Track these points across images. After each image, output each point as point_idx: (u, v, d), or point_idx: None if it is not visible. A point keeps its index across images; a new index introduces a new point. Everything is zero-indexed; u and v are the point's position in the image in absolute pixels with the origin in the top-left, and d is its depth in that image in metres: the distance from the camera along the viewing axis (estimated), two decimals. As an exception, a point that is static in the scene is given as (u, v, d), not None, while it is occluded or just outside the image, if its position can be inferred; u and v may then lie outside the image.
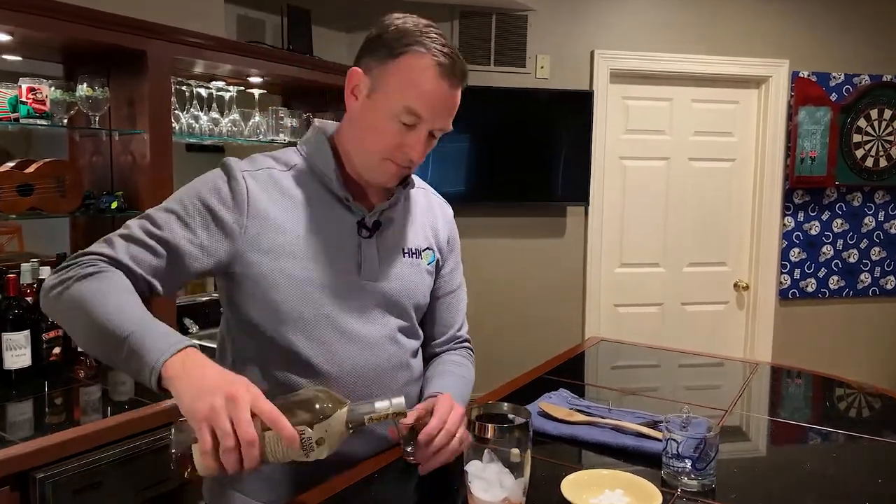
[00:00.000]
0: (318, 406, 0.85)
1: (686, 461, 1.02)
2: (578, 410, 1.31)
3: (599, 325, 3.42)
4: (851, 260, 3.64)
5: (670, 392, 1.57)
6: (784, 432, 1.32)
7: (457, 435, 0.98)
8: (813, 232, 3.58)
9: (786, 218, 3.53)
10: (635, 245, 3.48)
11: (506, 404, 0.93)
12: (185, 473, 0.82)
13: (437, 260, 1.24)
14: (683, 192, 3.49)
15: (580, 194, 3.28)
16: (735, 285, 3.59)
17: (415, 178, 1.23)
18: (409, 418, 0.95)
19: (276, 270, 1.05)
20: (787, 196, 3.52)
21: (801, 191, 3.52)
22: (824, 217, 3.58)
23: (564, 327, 3.38)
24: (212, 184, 1.06)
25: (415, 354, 1.21)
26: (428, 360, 1.29)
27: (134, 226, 1.02)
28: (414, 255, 1.18)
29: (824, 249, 3.61)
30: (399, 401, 0.89)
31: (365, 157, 1.10)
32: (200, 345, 1.59)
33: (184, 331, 2.31)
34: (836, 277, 3.63)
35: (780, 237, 3.54)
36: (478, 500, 0.85)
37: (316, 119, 1.16)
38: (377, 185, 1.13)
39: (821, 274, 3.61)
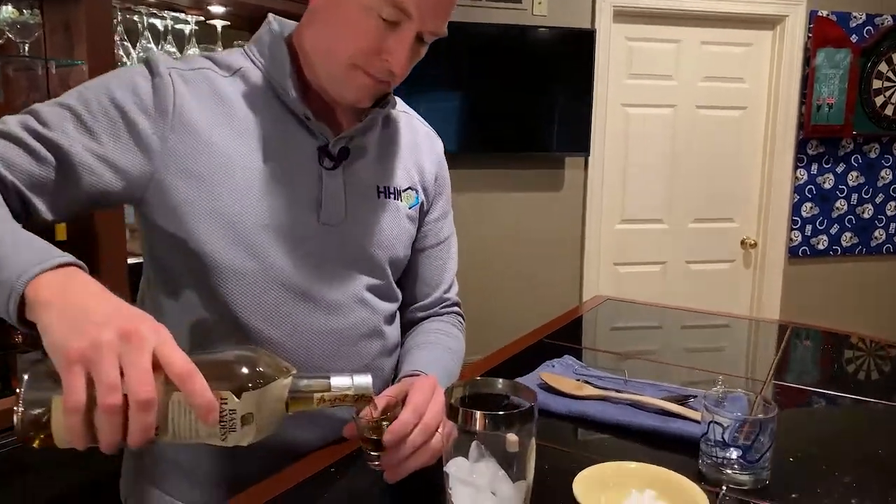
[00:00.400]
0: (251, 370, 0.61)
1: (733, 450, 0.79)
2: (588, 382, 1.09)
3: (598, 284, 3.21)
4: (866, 215, 3.42)
5: (690, 358, 1.35)
6: (846, 410, 1.10)
7: (438, 430, 0.75)
8: (826, 185, 3.35)
9: (798, 170, 3.30)
10: (637, 200, 3.25)
11: (500, 381, 0.69)
12: (36, 442, 0.56)
13: (422, 203, 1.00)
14: (690, 142, 3.25)
15: (579, 145, 3.02)
16: (742, 242, 3.38)
17: (397, 99, 0.97)
18: (376, 406, 0.71)
19: (205, 204, 0.81)
20: (801, 147, 3.28)
21: (816, 141, 3.28)
22: (839, 169, 3.35)
23: (560, 288, 3.17)
24: (128, 80, 0.80)
25: (390, 320, 0.98)
26: (407, 327, 1.05)
27: (12, 122, 0.75)
28: (392, 196, 0.95)
29: (838, 204, 3.38)
30: (364, 380, 0.66)
31: (329, 62, 0.84)
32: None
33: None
34: (849, 234, 3.42)
35: (792, 191, 3.31)
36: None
37: (271, 14, 0.90)
38: (345, 103, 0.88)
39: (833, 230, 3.40)
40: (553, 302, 3.13)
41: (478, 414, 0.61)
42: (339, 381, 0.65)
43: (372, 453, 0.74)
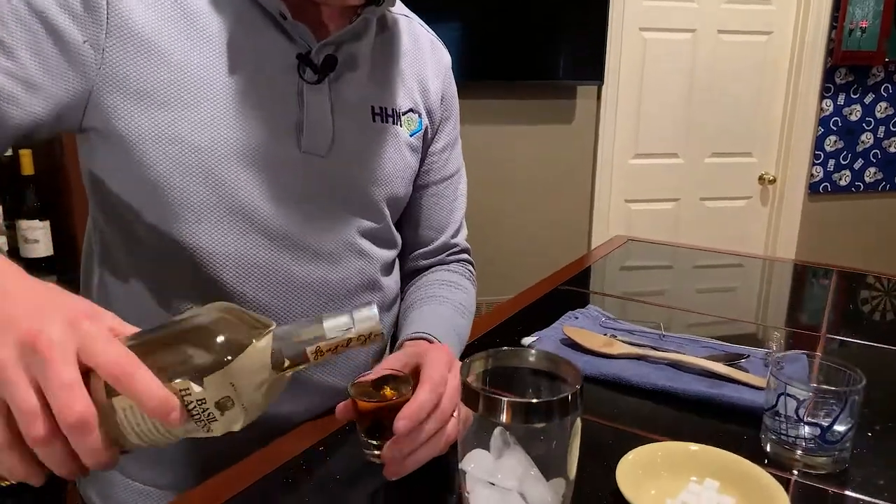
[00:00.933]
0: (211, 342, 0.46)
1: (809, 428, 0.65)
2: (617, 337, 0.94)
3: (608, 222, 3.05)
4: (892, 149, 3.23)
5: (731, 308, 1.20)
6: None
7: (454, 414, 0.60)
8: (853, 117, 3.15)
9: (824, 101, 3.09)
10: (652, 132, 3.05)
11: (533, 351, 0.54)
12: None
13: (426, 129, 0.84)
14: (710, 70, 3.03)
15: (593, 72, 2.80)
16: (760, 178, 3.20)
17: None
18: (374, 373, 0.56)
19: (156, 130, 0.64)
20: (828, 76, 3.06)
21: (845, 69, 3.06)
22: (867, 100, 3.14)
23: (568, 226, 3.02)
24: None
25: (388, 269, 0.83)
26: (408, 279, 0.90)
27: None
28: (389, 120, 0.78)
29: (863, 137, 3.19)
30: (365, 313, 0.49)
31: None
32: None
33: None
34: (873, 169, 3.24)
35: (816, 124, 3.11)
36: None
37: None
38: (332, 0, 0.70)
39: (857, 165, 3.21)
40: (560, 241, 2.98)
41: (505, 402, 0.46)
42: (334, 322, 0.49)
43: (372, 442, 0.60)
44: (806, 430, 0.65)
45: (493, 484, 0.49)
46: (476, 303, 0.93)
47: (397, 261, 0.87)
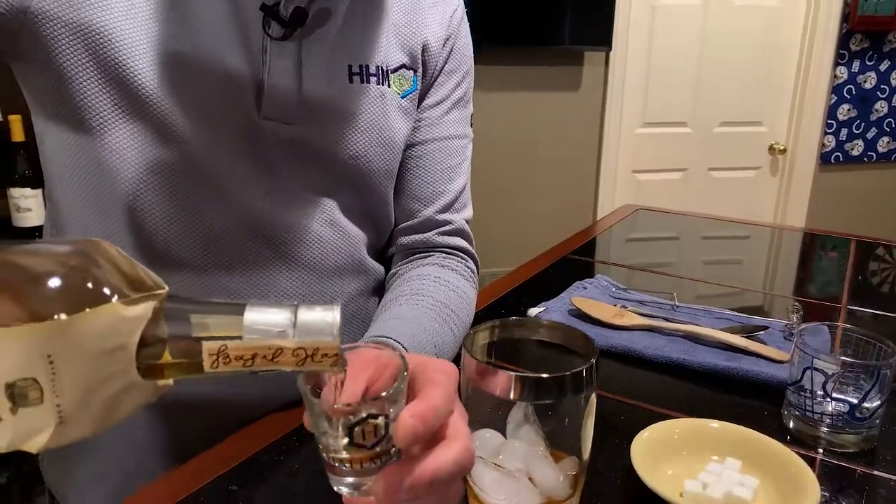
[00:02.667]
0: (54, 280, 0.28)
1: (837, 404, 0.61)
2: (628, 308, 0.90)
3: (614, 193, 3.00)
4: (907, 118, 3.15)
5: (747, 278, 1.16)
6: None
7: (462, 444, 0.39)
8: (867, 85, 3.06)
9: (838, 68, 3.00)
10: (661, 101, 2.98)
11: (544, 322, 0.50)
12: None
13: (420, 88, 0.73)
14: (721, 35, 2.94)
15: (601, 37, 2.72)
16: (770, 148, 3.13)
17: None
18: (347, 391, 0.40)
19: (97, 74, 0.55)
20: (843, 42, 2.97)
21: (861, 35, 2.97)
22: (882, 67, 3.05)
23: (574, 197, 2.96)
24: None
25: (374, 249, 0.75)
26: (391, 261, 0.78)
27: None
28: (372, 79, 0.67)
29: (878, 106, 3.11)
30: (320, 317, 0.33)
31: None
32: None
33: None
34: (886, 139, 3.16)
35: (829, 91, 3.03)
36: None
37: None
38: None
39: (870, 135, 3.14)
40: (564, 213, 2.94)
41: (513, 377, 0.42)
42: (263, 316, 0.32)
43: (343, 466, 0.38)
44: (833, 406, 0.61)
45: (498, 465, 0.45)
46: (487, 271, 0.83)
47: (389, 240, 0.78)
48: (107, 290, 0.29)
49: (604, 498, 0.55)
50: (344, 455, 0.37)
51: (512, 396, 0.42)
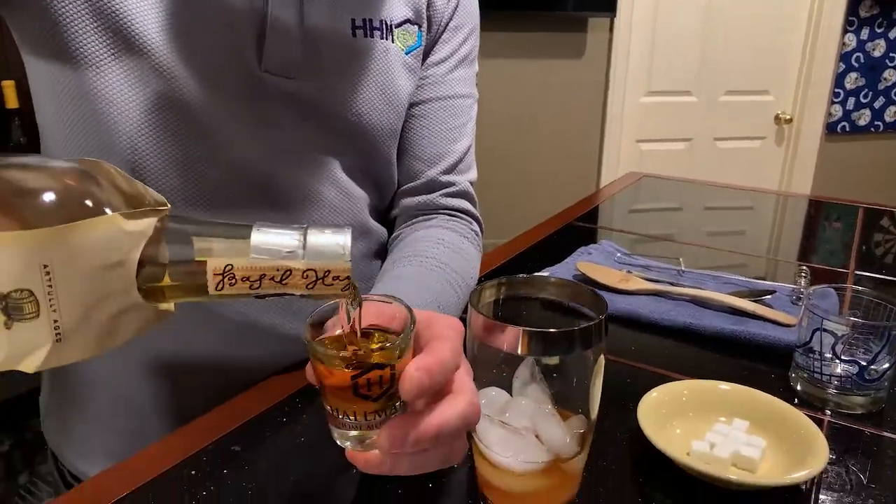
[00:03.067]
0: (54, 191, 0.28)
1: (846, 366, 0.60)
2: (633, 273, 0.89)
3: (618, 162, 2.97)
4: (916, 87, 3.11)
5: (749, 245, 1.14)
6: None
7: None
8: (877, 53, 3.01)
9: (847, 35, 2.95)
10: (666, 68, 2.93)
11: (552, 278, 0.49)
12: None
13: (425, 44, 0.71)
14: (729, 1, 2.89)
15: (605, 3, 2.67)
16: (776, 118, 3.10)
17: None
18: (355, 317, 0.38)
19: (89, 26, 0.53)
20: (852, 8, 2.91)
21: (870, 0, 2.91)
22: (892, 34, 3.00)
23: (577, 167, 2.94)
24: None
25: (378, 211, 0.74)
26: (394, 223, 0.77)
27: None
28: (376, 34, 0.65)
29: (886, 74, 3.06)
30: (331, 239, 0.31)
31: None
32: None
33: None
34: (894, 108, 3.12)
35: (837, 59, 2.98)
36: (498, 465, 0.44)
37: None
38: None
39: (878, 104, 3.10)
40: (567, 183, 2.92)
41: (521, 332, 0.41)
42: (270, 237, 0.31)
43: (348, 419, 0.37)
44: (842, 368, 0.60)
45: (505, 423, 0.44)
46: (486, 241, 0.84)
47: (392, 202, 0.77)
48: (106, 207, 0.28)
49: (610, 457, 0.55)
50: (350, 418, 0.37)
51: (520, 351, 0.41)
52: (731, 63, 2.98)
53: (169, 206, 0.30)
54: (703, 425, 0.56)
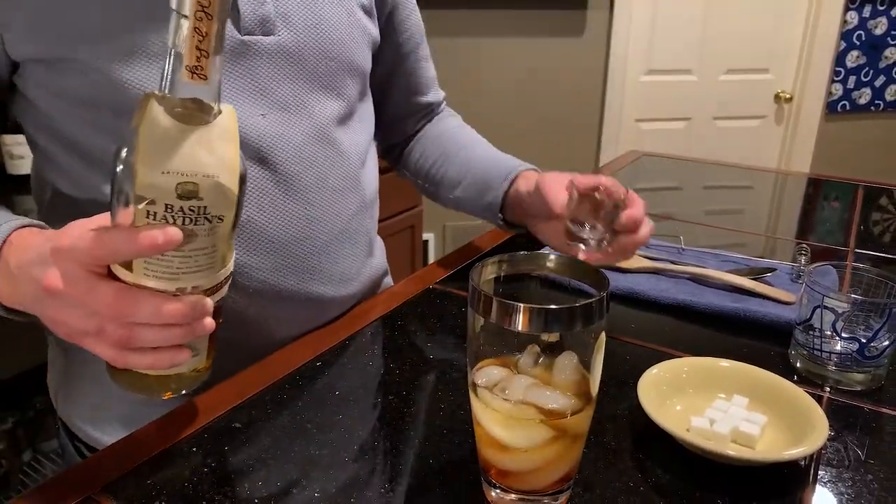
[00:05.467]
0: (123, 159, 0.40)
1: (846, 343, 0.60)
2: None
3: (617, 142, 2.96)
4: (917, 66, 3.09)
5: (750, 223, 1.14)
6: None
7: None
8: (878, 31, 2.99)
9: (848, 13, 2.93)
10: (667, 47, 2.91)
11: (552, 255, 0.49)
12: (165, 396, 0.50)
13: None
14: (730, -22, 2.86)
15: (605, -20, 2.64)
16: (776, 96, 3.08)
17: None
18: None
19: (65, 27, 0.56)
20: (855, -15, 2.89)
21: (873, -23, 2.89)
22: (894, 12, 2.97)
23: (576, 147, 2.92)
24: None
25: (363, 163, 0.76)
26: (400, 145, 0.93)
27: None
28: None
29: (887, 53, 3.04)
30: None
31: None
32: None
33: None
34: (894, 86, 3.10)
35: (839, 38, 2.96)
36: (500, 440, 0.44)
37: None
38: None
39: (878, 82, 3.08)
40: (567, 160, 2.90)
41: (522, 308, 0.41)
42: (171, 31, 0.39)
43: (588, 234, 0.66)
44: (842, 345, 0.61)
45: (506, 399, 0.44)
46: (481, 226, 0.91)
47: (374, 153, 0.81)
48: (136, 127, 0.40)
49: (610, 434, 0.55)
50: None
51: (521, 328, 0.41)
52: (731, 41, 2.96)
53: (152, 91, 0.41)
54: (703, 402, 0.56)
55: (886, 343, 0.60)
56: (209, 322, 0.46)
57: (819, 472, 0.51)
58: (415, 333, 0.72)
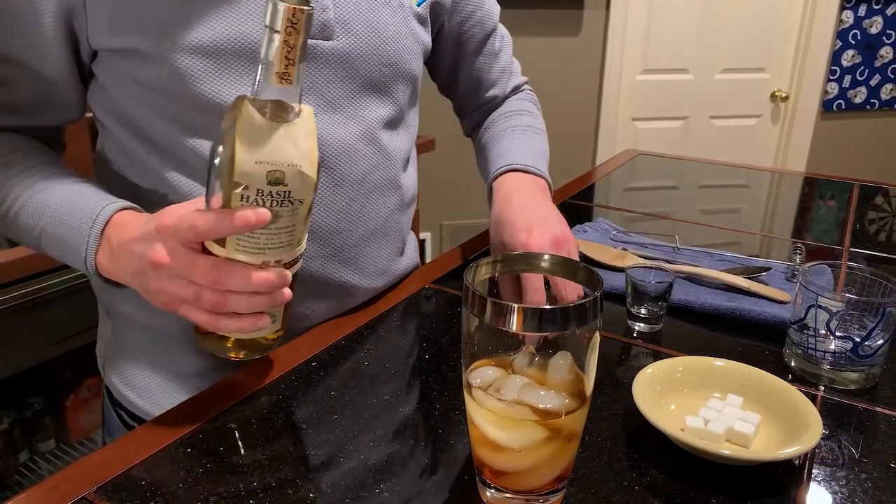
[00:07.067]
0: (220, 151, 0.48)
1: (840, 342, 0.60)
2: (629, 251, 0.89)
3: (614, 141, 2.96)
4: (912, 65, 3.10)
5: (744, 223, 1.14)
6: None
7: None
8: (873, 30, 2.99)
9: (844, 13, 2.93)
10: (663, 46, 2.91)
11: (546, 256, 0.49)
12: (240, 357, 0.58)
13: None
14: (726, -23, 2.86)
15: (601, -22, 2.64)
16: (772, 95, 3.08)
17: None
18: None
19: (149, 35, 0.60)
20: (850, -16, 2.89)
21: (868, -23, 2.89)
22: (889, 11, 2.98)
23: (572, 146, 2.92)
24: None
25: (406, 165, 0.79)
26: (475, 128, 0.97)
27: None
28: None
29: (883, 52, 3.05)
30: (273, 6, 0.46)
31: None
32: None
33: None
34: (889, 86, 3.11)
35: (834, 37, 2.97)
36: (494, 440, 0.44)
37: None
38: None
39: (873, 81, 3.08)
40: (563, 159, 2.90)
41: (516, 308, 0.41)
42: (265, 45, 0.46)
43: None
44: (836, 345, 0.61)
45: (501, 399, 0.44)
46: (478, 222, 0.92)
47: (415, 157, 0.84)
48: (230, 126, 0.48)
49: (605, 433, 0.55)
50: None
51: (515, 328, 0.41)
52: (727, 40, 2.96)
53: (244, 95, 0.48)
54: (698, 401, 0.56)
55: (880, 342, 0.60)
56: (287, 292, 0.53)
57: (813, 471, 0.51)
58: (410, 333, 0.72)
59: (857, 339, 0.59)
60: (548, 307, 0.41)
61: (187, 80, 0.60)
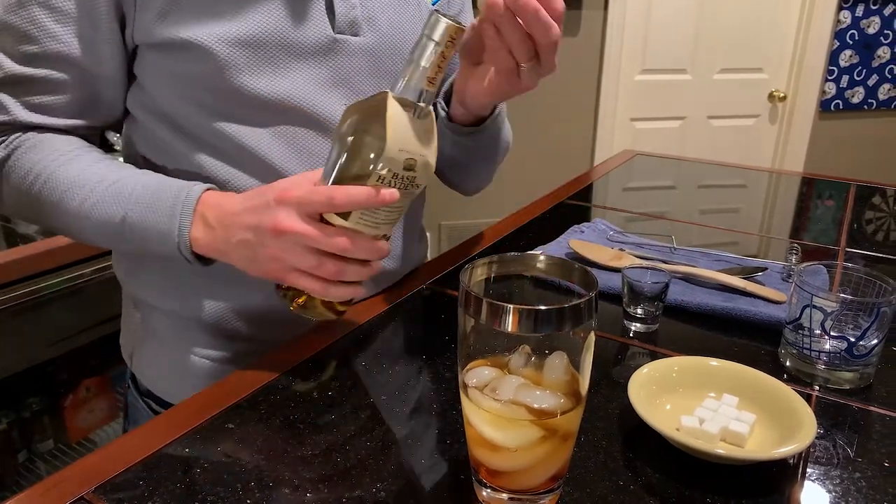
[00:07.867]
0: (368, 135, 0.54)
1: (835, 342, 0.61)
2: (626, 251, 0.89)
3: (612, 141, 2.96)
4: (910, 65, 3.10)
5: (741, 223, 1.15)
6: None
7: None
8: (871, 30, 3.00)
9: (842, 13, 2.94)
10: (661, 46, 2.91)
11: (542, 256, 0.49)
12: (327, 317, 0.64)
13: None
14: (724, -23, 2.86)
15: (599, -21, 2.64)
16: (770, 95, 3.09)
17: None
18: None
19: (188, 30, 0.63)
20: (848, -16, 2.90)
21: (866, -23, 2.89)
22: (887, 11, 2.99)
23: (570, 146, 2.93)
24: None
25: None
26: None
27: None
28: None
29: (880, 52, 3.05)
30: (436, 23, 0.54)
31: None
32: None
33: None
34: (887, 86, 3.11)
35: (832, 37, 2.97)
36: (490, 440, 0.44)
37: None
38: None
39: (871, 82, 3.09)
40: (561, 159, 2.91)
41: (511, 309, 0.41)
42: (421, 53, 0.55)
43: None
44: (831, 344, 0.61)
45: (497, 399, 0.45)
46: (477, 222, 0.93)
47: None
48: (379, 116, 0.54)
49: (600, 433, 0.55)
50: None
51: (511, 329, 0.41)
52: (725, 40, 2.97)
53: (387, 90, 0.55)
54: (693, 401, 0.56)
55: (875, 342, 0.60)
56: (380, 263, 0.61)
57: (808, 471, 0.52)
58: (407, 333, 0.72)
59: (852, 339, 0.60)
60: (543, 308, 0.41)
61: (227, 71, 0.62)
